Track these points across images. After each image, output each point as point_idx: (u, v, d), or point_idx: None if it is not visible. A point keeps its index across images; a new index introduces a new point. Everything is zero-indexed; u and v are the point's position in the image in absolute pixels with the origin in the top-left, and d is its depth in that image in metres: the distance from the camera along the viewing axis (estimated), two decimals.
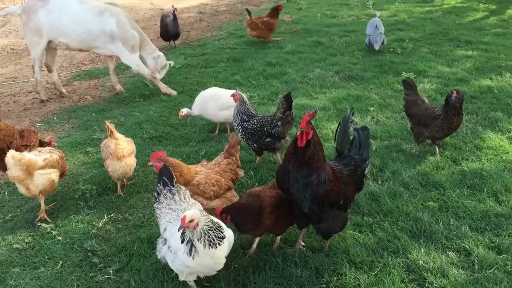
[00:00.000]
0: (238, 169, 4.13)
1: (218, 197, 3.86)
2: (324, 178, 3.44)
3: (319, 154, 3.47)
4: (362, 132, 3.83)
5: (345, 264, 3.71)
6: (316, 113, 3.53)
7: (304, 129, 3.37)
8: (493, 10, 12.55)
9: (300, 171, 3.42)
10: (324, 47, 9.74)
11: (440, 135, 5.26)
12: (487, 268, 3.63)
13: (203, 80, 7.99)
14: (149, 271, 3.73)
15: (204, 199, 3.77)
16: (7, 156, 4.22)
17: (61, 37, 7.14)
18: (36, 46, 7.23)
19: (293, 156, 3.46)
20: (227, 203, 3.91)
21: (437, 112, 5.20)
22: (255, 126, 4.94)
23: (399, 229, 4.11)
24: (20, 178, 4.28)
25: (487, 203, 4.42)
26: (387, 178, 4.88)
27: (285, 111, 4.96)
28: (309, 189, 3.41)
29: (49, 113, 7.19)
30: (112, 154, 4.62)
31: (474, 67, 8.16)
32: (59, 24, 7.05)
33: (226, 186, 3.93)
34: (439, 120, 5.14)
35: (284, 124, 4.98)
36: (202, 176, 3.86)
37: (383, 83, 7.62)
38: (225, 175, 3.98)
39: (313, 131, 3.43)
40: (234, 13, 14.28)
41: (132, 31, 7.35)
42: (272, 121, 4.97)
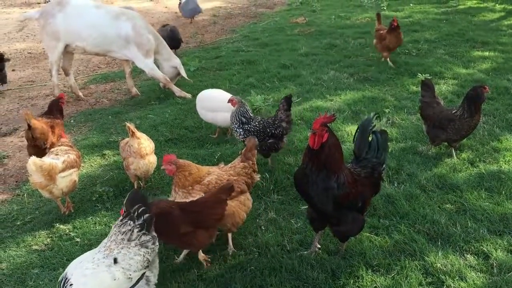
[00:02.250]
0: (253, 174, 4.13)
1: (230, 200, 3.86)
2: (344, 181, 3.43)
3: (335, 156, 3.46)
4: (380, 136, 3.80)
5: (362, 267, 3.69)
6: (335, 118, 3.51)
7: (317, 131, 3.37)
8: (509, 10, 12.41)
9: (319, 174, 3.41)
10: (338, 49, 9.72)
11: (458, 137, 5.20)
12: (506, 272, 3.59)
13: (218, 83, 8.02)
14: (166, 273, 3.75)
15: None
16: (29, 163, 4.25)
17: (78, 41, 7.23)
18: (54, 50, 7.32)
19: (309, 160, 3.46)
20: (240, 206, 3.91)
21: (454, 113, 5.13)
22: (257, 128, 5.02)
23: (416, 231, 4.08)
24: (42, 184, 4.34)
25: (505, 206, 4.37)
26: (403, 180, 4.86)
27: (286, 111, 5.10)
28: (329, 192, 3.40)
29: (67, 116, 7.26)
30: (136, 153, 4.71)
31: (491, 68, 8.08)
32: (76, 28, 7.14)
33: (239, 189, 3.93)
34: (456, 121, 5.07)
35: (288, 123, 5.11)
36: (214, 177, 3.89)
37: (398, 84, 7.58)
38: (239, 178, 3.98)
39: (329, 133, 3.41)
40: (248, 15, 14.33)
41: (148, 35, 7.40)
42: (274, 122, 5.08)
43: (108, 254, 2.93)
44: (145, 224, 3.05)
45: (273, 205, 4.59)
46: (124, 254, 2.94)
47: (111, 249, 2.96)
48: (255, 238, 4.13)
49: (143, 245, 3.02)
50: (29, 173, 4.35)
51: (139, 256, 2.98)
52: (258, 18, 13.75)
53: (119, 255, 2.93)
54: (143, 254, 3.01)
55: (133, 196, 3.24)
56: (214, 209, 3.61)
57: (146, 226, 3.05)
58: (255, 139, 4.14)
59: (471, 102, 5.06)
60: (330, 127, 3.49)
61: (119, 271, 2.88)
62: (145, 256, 3.01)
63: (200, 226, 3.58)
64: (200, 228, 3.59)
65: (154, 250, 3.11)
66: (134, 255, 2.96)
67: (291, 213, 4.46)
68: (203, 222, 3.59)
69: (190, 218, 3.52)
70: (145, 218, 3.06)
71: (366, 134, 3.79)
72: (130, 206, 3.11)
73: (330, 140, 3.42)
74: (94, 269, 2.85)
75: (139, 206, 3.08)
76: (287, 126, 5.10)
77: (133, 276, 2.94)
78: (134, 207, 3.07)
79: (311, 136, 3.40)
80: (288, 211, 4.50)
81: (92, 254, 2.99)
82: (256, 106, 6.76)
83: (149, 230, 3.08)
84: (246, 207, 4.01)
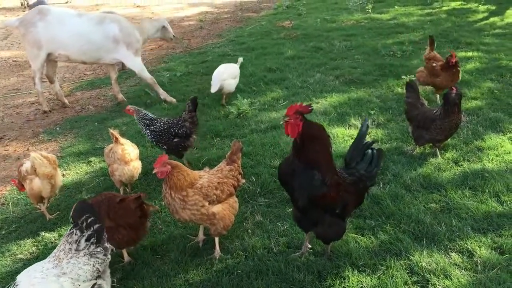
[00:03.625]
0: (239, 176, 4.15)
1: (220, 202, 3.88)
2: (326, 181, 3.40)
3: (319, 150, 3.38)
4: (376, 152, 3.74)
5: (348, 267, 3.71)
6: (311, 109, 3.40)
7: (290, 117, 3.31)
8: (493, 11, 12.56)
9: (304, 169, 3.38)
10: (324, 52, 9.77)
11: (441, 137, 5.26)
12: (490, 269, 3.63)
13: (204, 87, 8.03)
14: (153, 279, 3.74)
15: (206, 202, 3.78)
16: (34, 157, 4.46)
17: (60, 49, 7.19)
18: (36, 58, 7.27)
19: (294, 153, 3.43)
20: (229, 209, 3.93)
21: (435, 113, 5.21)
22: (162, 128, 5.27)
23: (401, 231, 4.11)
24: (51, 173, 4.56)
25: (489, 204, 4.42)
26: (388, 181, 4.89)
27: (190, 112, 5.35)
28: (309, 187, 3.38)
29: (52, 124, 7.24)
30: (120, 159, 4.74)
31: (475, 68, 8.16)
32: (59, 36, 7.10)
33: (228, 191, 3.95)
34: (438, 121, 5.15)
35: (191, 124, 5.34)
36: (205, 180, 3.88)
37: (384, 86, 7.63)
38: (228, 181, 4.00)
39: (304, 123, 3.33)
40: (235, 20, 14.37)
41: (136, 34, 7.47)
42: (178, 122, 5.33)
43: (57, 264, 2.90)
44: (95, 234, 3.01)
45: (260, 208, 4.60)
46: (73, 264, 2.91)
47: (60, 258, 2.93)
48: (242, 242, 4.13)
49: (92, 255, 2.98)
50: (38, 167, 4.46)
51: (88, 266, 2.94)
52: (245, 23, 13.79)
53: (68, 265, 2.89)
54: (93, 264, 2.97)
55: (81, 206, 3.23)
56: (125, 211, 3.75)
57: (96, 236, 3.01)
58: (240, 142, 4.15)
59: (448, 103, 5.15)
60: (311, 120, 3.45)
61: (67, 281, 2.85)
62: (94, 266, 2.97)
63: (119, 224, 3.72)
64: (121, 226, 3.72)
65: (105, 260, 3.06)
66: (83, 265, 2.93)
67: (278, 216, 4.47)
68: (120, 220, 3.74)
69: (112, 214, 3.71)
70: (95, 229, 3.02)
71: (361, 145, 3.74)
72: (78, 216, 3.06)
73: (308, 130, 3.34)
74: (42, 278, 2.82)
75: (87, 216, 3.03)
76: (190, 126, 5.33)
77: (82, 287, 2.91)
78: (82, 218, 3.02)
79: (284, 124, 3.36)
80: (274, 214, 4.51)
81: (42, 264, 2.96)
82: (242, 110, 6.78)
83: (100, 240, 3.04)
84: (234, 210, 4.03)
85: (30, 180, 4.54)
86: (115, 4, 17.84)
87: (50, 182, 4.59)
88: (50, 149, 6.21)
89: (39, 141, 6.60)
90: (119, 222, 3.73)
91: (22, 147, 6.47)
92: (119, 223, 3.73)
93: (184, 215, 3.75)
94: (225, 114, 6.93)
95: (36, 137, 6.76)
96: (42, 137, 6.75)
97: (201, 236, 4.19)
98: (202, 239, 4.18)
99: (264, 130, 6.30)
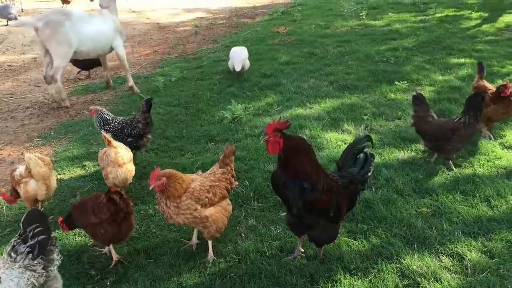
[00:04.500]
0: (232, 179, 4.19)
1: (213, 205, 3.91)
2: (317, 185, 3.47)
3: (301, 160, 3.46)
4: (369, 157, 3.84)
5: (340, 271, 3.75)
6: (289, 124, 3.49)
7: (269, 136, 3.40)
8: (485, 18, 12.69)
9: (293, 180, 3.47)
10: (318, 58, 9.84)
11: (461, 145, 5.21)
12: (480, 272, 3.68)
13: (199, 93, 8.08)
14: (146, 282, 3.76)
15: (198, 205, 3.82)
16: (29, 157, 4.48)
17: (83, 46, 7.81)
18: (65, 56, 7.73)
19: (281, 167, 3.51)
20: (222, 212, 3.97)
21: (458, 121, 5.09)
22: (116, 128, 5.46)
23: (393, 235, 4.16)
24: (47, 173, 4.60)
25: (479, 208, 4.48)
26: (381, 185, 4.94)
27: (144, 113, 5.55)
28: (302, 195, 3.45)
29: (46, 128, 7.25)
30: (113, 162, 4.77)
31: (467, 75, 8.25)
32: (84, 34, 7.75)
33: (221, 194, 3.98)
34: (462, 130, 5.03)
35: (145, 124, 5.53)
36: (198, 183, 3.91)
37: (377, 92, 7.70)
38: (220, 184, 4.03)
39: (284, 139, 3.41)
40: (230, 26, 14.43)
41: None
42: (131, 123, 5.52)
43: None
44: (36, 246, 2.88)
45: (253, 212, 4.64)
46: (7, 275, 2.80)
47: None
48: (235, 245, 4.16)
49: (28, 268, 2.85)
50: (33, 168, 4.50)
51: (21, 280, 2.80)
52: (240, 28, 13.85)
53: (2, 275, 2.79)
54: (27, 277, 2.83)
55: (31, 215, 3.09)
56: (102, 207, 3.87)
57: (38, 248, 2.88)
58: (232, 146, 4.19)
59: (475, 108, 5.09)
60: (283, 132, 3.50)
61: None
62: (29, 280, 2.83)
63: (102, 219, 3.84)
64: (104, 222, 3.84)
65: (44, 275, 2.92)
66: (14, 277, 2.80)
67: (271, 220, 4.50)
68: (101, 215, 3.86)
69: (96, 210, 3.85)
70: (39, 240, 2.89)
71: (354, 149, 3.85)
72: (27, 225, 2.95)
73: (289, 145, 3.41)
74: None
75: (35, 226, 2.92)
76: (143, 127, 5.52)
77: None
78: (30, 227, 2.91)
79: (266, 142, 3.44)
80: (268, 218, 4.54)
81: None
82: (236, 115, 6.82)
83: (42, 252, 2.90)
84: (227, 212, 4.06)
85: (25, 183, 4.56)
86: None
87: (45, 183, 4.61)
88: (45, 154, 6.21)
89: (34, 146, 6.61)
90: (102, 218, 3.83)
91: (16, 151, 6.48)
92: (102, 219, 3.83)
93: (179, 219, 3.80)
94: (219, 118, 6.97)
95: (30, 141, 6.76)
96: (36, 141, 6.75)
97: (195, 239, 4.22)
98: (195, 243, 4.20)
99: (258, 135, 6.33)
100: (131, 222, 4.02)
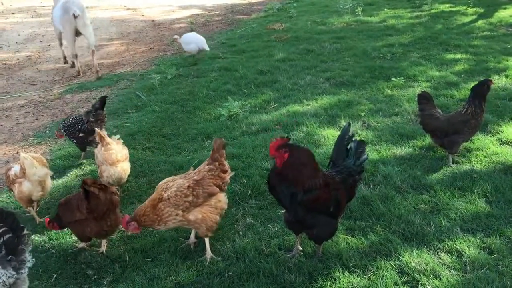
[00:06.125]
0: (223, 174, 4.06)
1: (199, 206, 3.88)
2: (311, 186, 3.50)
3: (300, 169, 3.54)
4: (357, 145, 3.86)
5: (339, 268, 3.73)
6: (288, 139, 3.61)
7: (276, 155, 3.52)
8: (481, 13, 12.68)
9: (283, 183, 3.55)
10: (314, 54, 9.81)
11: (471, 135, 5.31)
12: (478, 269, 3.67)
13: (195, 90, 8.03)
14: (144, 281, 3.74)
15: (180, 211, 3.83)
16: (25, 157, 4.45)
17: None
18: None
19: (276, 176, 3.59)
20: (211, 210, 3.93)
21: (465, 112, 5.13)
22: (69, 123, 5.70)
23: (391, 232, 4.14)
24: (42, 174, 4.55)
25: (477, 204, 4.47)
26: (378, 182, 4.93)
27: (97, 110, 5.67)
28: (296, 196, 3.51)
29: (42, 127, 7.20)
30: (106, 160, 4.70)
31: (463, 70, 8.25)
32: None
33: (205, 193, 3.92)
34: (472, 120, 5.09)
35: (96, 121, 5.62)
36: (173, 189, 3.87)
37: (374, 88, 7.68)
38: (205, 182, 3.95)
39: (289, 152, 3.51)
40: (225, 22, 14.37)
41: None
42: (81, 119, 5.68)
43: None
44: (2, 246, 2.84)
45: (251, 211, 4.61)
46: None
47: None
48: (233, 244, 4.14)
49: None
50: (27, 168, 4.46)
51: None
52: (235, 25, 13.80)
53: None
54: None
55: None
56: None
57: (5, 249, 2.84)
58: (222, 140, 4.14)
59: (481, 97, 5.14)
60: (295, 146, 3.64)
61: None
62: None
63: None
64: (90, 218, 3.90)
65: (14, 276, 2.90)
66: None
67: (269, 218, 4.48)
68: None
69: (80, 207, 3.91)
70: (5, 240, 2.86)
71: (343, 142, 3.86)
72: None
73: (290, 159, 3.51)
74: None
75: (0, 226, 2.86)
76: (93, 124, 5.58)
77: None
78: None
79: (276, 160, 3.55)
80: (265, 215, 4.52)
81: None
82: (233, 112, 6.79)
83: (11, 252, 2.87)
84: (219, 209, 4.00)
85: (19, 183, 4.51)
86: (106, 6, 17.77)
87: (41, 184, 4.56)
88: (40, 152, 6.17)
89: (29, 144, 6.56)
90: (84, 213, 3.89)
91: (11, 150, 6.43)
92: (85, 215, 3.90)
93: (167, 226, 3.90)
94: (215, 116, 6.93)
95: (25, 140, 6.72)
96: (31, 140, 6.71)
97: (193, 238, 4.19)
98: (193, 242, 4.18)
99: (255, 132, 6.31)
100: (115, 216, 4.01)
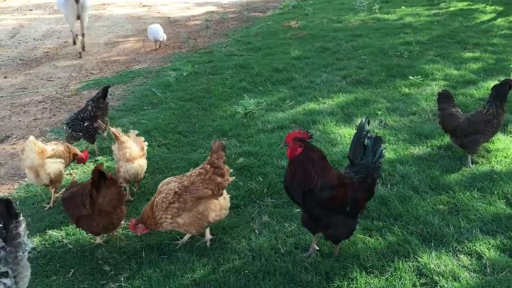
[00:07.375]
0: (219, 177, 3.97)
1: (187, 210, 3.91)
2: (325, 184, 3.47)
3: (310, 167, 3.52)
4: (375, 141, 3.81)
5: (356, 269, 3.70)
6: (311, 135, 3.60)
7: (289, 144, 3.51)
8: (500, 11, 12.49)
9: (296, 182, 3.55)
10: (330, 52, 9.75)
11: (491, 136, 5.24)
12: (499, 271, 3.60)
13: (211, 87, 8.03)
14: (160, 278, 3.74)
15: (168, 215, 3.91)
16: (29, 140, 4.65)
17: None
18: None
19: (289, 172, 3.59)
20: (197, 216, 3.94)
21: (487, 113, 5.06)
22: (73, 118, 5.80)
23: (409, 233, 4.10)
24: (34, 164, 4.66)
25: (497, 206, 4.39)
26: (396, 182, 4.87)
27: (99, 99, 5.86)
28: (310, 195, 3.49)
29: (59, 123, 7.25)
30: (122, 156, 4.77)
31: (482, 69, 8.13)
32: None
33: (194, 198, 3.89)
34: (494, 120, 5.04)
35: (98, 108, 5.83)
36: (162, 195, 3.94)
37: (391, 87, 7.61)
38: (193, 186, 3.92)
39: (303, 149, 3.49)
40: (241, 20, 14.35)
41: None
42: (83, 108, 5.91)
43: None
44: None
45: (267, 209, 4.60)
46: None
47: None
48: (249, 242, 4.13)
49: None
50: (25, 153, 4.67)
51: None
52: (251, 22, 13.77)
53: None
54: None
55: None
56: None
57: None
58: (221, 141, 4.12)
59: (502, 97, 5.08)
60: (310, 144, 3.59)
61: None
62: None
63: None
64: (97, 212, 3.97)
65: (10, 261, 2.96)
66: None
67: (285, 216, 4.46)
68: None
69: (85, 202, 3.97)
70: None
71: (360, 140, 3.80)
72: None
73: (303, 156, 3.50)
74: None
75: None
76: (93, 108, 5.78)
77: None
78: None
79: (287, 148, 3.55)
80: (281, 214, 4.50)
81: None
82: (249, 110, 6.78)
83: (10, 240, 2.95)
84: (203, 216, 3.94)
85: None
86: (122, 3, 17.86)
87: (35, 170, 4.69)
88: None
89: (46, 140, 6.60)
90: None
91: None
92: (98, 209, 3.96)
93: (165, 228, 4.03)
94: (231, 113, 6.92)
95: (43, 135, 6.77)
96: (49, 135, 6.76)
97: (208, 235, 4.18)
98: (209, 239, 4.17)
99: (271, 130, 6.29)
100: (120, 211, 4.12)
